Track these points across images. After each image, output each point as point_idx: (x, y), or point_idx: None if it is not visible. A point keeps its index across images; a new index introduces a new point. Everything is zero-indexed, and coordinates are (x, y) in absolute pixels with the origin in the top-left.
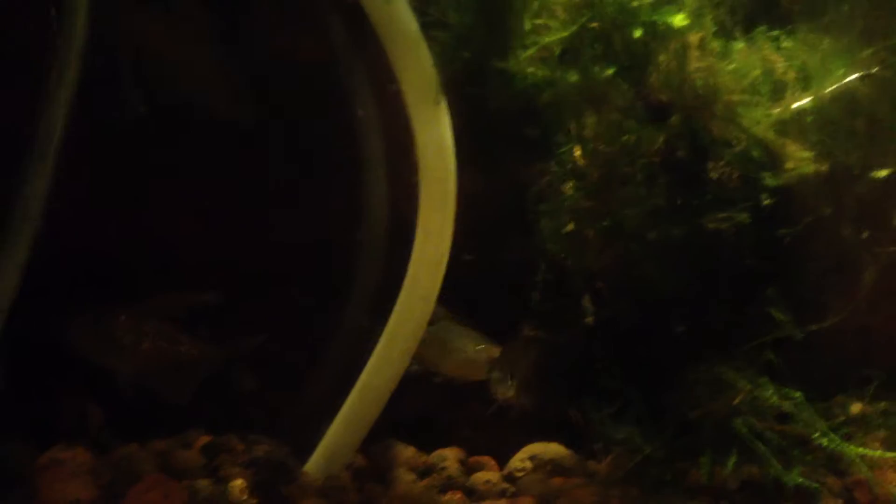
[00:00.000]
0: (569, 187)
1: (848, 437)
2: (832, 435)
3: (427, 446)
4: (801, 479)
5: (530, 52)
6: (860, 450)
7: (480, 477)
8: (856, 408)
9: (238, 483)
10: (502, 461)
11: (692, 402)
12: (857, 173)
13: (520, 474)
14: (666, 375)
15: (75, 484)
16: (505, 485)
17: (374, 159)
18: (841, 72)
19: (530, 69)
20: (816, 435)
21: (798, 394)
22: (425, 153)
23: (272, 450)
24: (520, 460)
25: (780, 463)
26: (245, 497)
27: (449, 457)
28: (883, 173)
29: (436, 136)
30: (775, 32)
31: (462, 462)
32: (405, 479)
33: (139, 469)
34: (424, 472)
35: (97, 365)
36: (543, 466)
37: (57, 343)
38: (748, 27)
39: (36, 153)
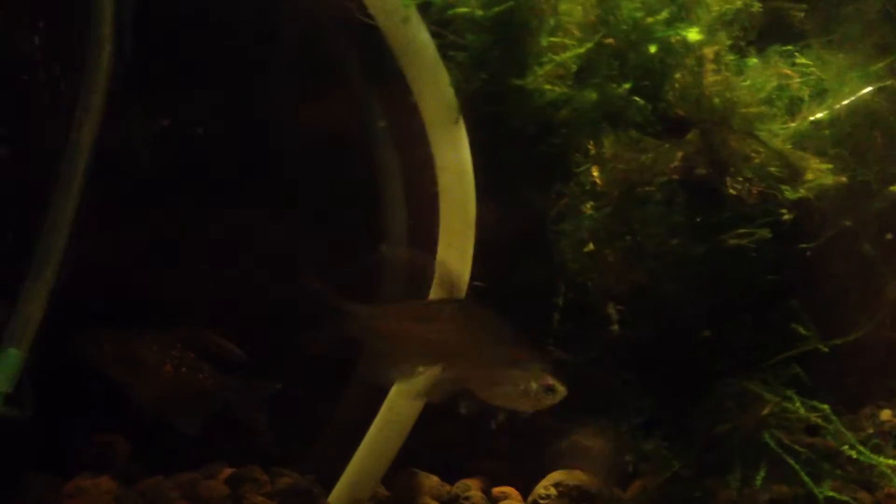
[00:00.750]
0: (588, 207)
1: (878, 449)
2: (861, 447)
3: (448, 476)
4: (831, 493)
5: (547, 68)
6: (891, 461)
7: None
8: (885, 415)
9: None
10: (526, 490)
11: (719, 417)
12: (877, 187)
13: (544, 502)
14: (692, 392)
15: None
16: None
17: (393, 183)
18: (855, 85)
19: (547, 87)
20: (846, 447)
21: (826, 406)
22: (444, 177)
23: (297, 479)
24: (544, 488)
25: (810, 477)
26: None
27: (472, 486)
28: None
29: (455, 159)
30: (789, 47)
31: (485, 492)
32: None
33: (165, 498)
34: (448, 501)
35: (116, 383)
36: (569, 493)
37: (83, 370)
38: (761, 46)
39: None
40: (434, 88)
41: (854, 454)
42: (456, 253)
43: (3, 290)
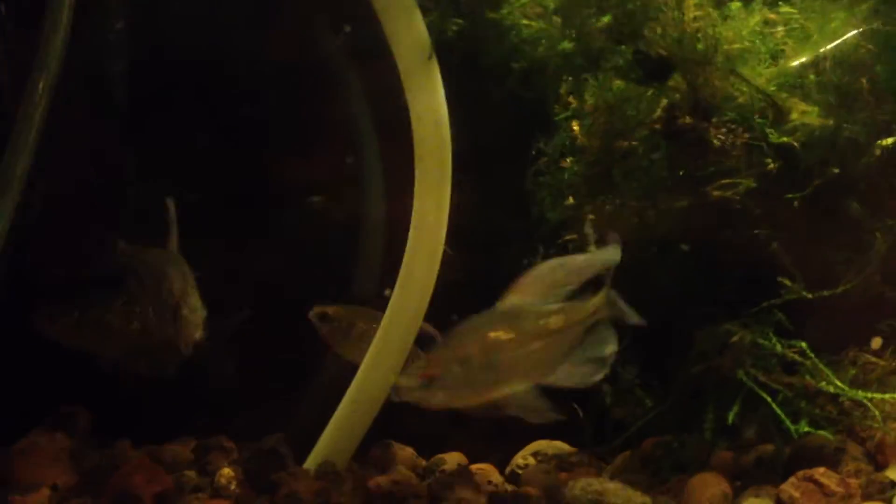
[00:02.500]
0: (568, 161)
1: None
2: (839, 382)
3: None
4: (808, 429)
5: (524, 0)
6: (869, 394)
7: (482, 478)
8: (876, 343)
9: (226, 472)
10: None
11: (697, 362)
12: (864, 139)
13: (522, 471)
14: (671, 341)
15: (54, 469)
16: (508, 486)
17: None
18: (840, 29)
19: (524, 21)
20: (824, 384)
21: (803, 343)
22: (420, 125)
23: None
24: (522, 457)
25: (787, 417)
26: (233, 486)
27: (448, 460)
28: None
29: (430, 105)
30: None
31: (461, 465)
32: (405, 472)
33: (125, 458)
34: (423, 474)
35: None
36: (547, 462)
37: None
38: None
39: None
40: (407, 30)
41: (832, 389)
42: (433, 203)
43: None
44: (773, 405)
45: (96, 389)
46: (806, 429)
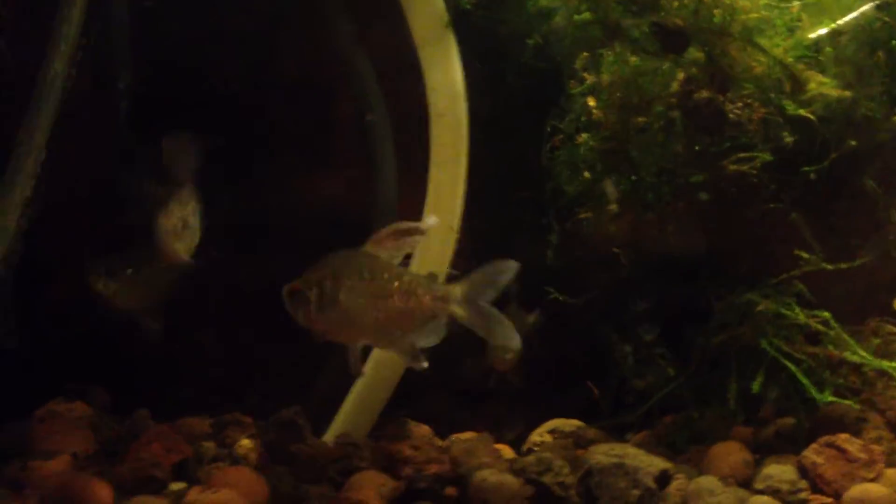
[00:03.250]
0: (584, 137)
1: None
2: (863, 352)
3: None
4: (832, 398)
5: None
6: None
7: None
8: None
9: (244, 443)
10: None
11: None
12: (881, 115)
13: (539, 448)
14: (693, 312)
15: (74, 437)
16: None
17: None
18: (856, 2)
19: None
20: (848, 353)
21: (826, 313)
22: (436, 98)
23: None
24: (538, 434)
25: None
26: (252, 456)
27: (464, 439)
28: None
29: (446, 78)
30: None
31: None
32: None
33: (145, 426)
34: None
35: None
36: (565, 438)
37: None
38: None
39: None
40: (423, 1)
41: (856, 359)
42: (448, 178)
43: None
44: (798, 374)
45: (109, 370)
46: (830, 398)
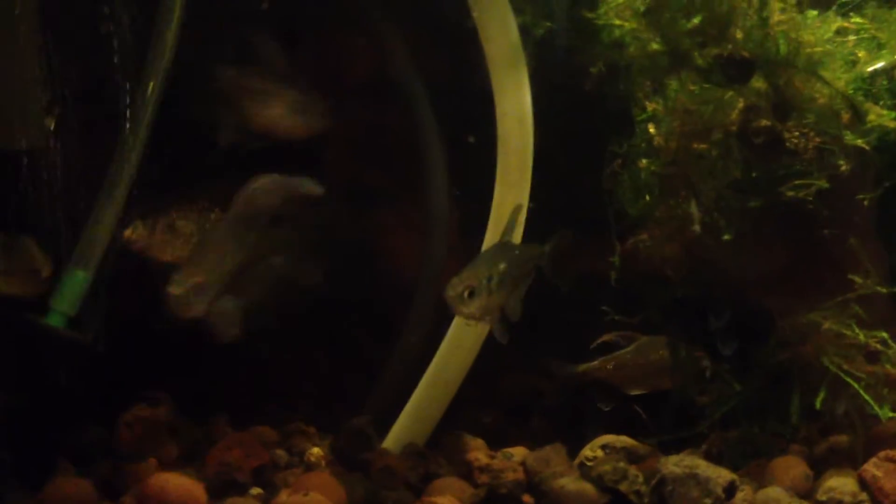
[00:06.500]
0: (643, 163)
1: None
2: None
3: None
4: (891, 414)
5: (619, 0)
6: None
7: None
8: None
9: (315, 451)
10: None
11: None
12: None
13: (591, 463)
14: (753, 331)
15: (157, 441)
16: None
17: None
18: None
19: (617, 21)
20: None
21: (884, 333)
22: (504, 123)
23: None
24: (590, 449)
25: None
26: (324, 464)
27: (516, 453)
28: None
29: (516, 104)
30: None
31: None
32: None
33: (221, 433)
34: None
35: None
36: (616, 454)
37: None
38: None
39: None
40: (501, 30)
41: None
42: (512, 200)
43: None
44: (861, 390)
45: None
46: (890, 414)
